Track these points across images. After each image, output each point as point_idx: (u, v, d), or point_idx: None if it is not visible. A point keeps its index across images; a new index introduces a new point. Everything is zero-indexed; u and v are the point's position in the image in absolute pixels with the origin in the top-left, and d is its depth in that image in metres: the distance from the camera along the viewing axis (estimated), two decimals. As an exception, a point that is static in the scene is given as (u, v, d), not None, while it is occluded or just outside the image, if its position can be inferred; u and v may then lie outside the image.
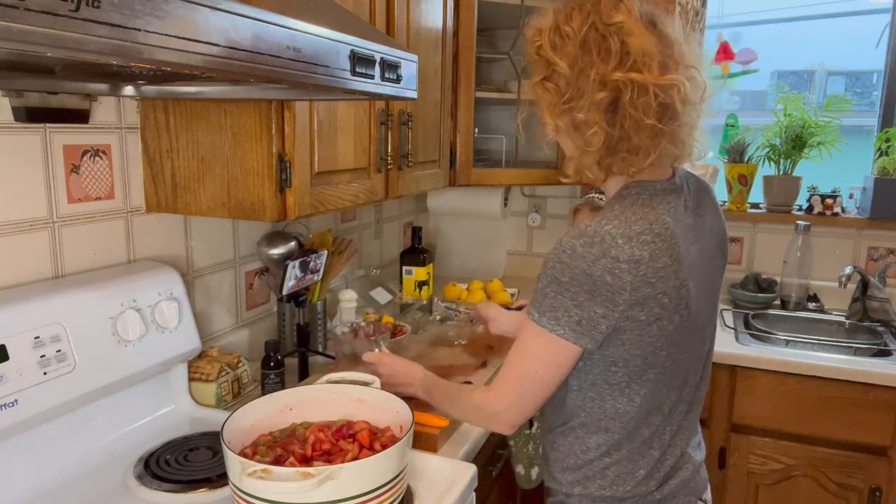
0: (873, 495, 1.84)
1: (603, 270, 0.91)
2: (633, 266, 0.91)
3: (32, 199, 1.14)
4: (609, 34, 0.92)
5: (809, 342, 2.07)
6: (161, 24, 0.55)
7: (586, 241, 0.92)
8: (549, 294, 0.94)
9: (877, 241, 2.36)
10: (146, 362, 1.21)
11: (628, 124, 0.93)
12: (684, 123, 0.95)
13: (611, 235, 0.91)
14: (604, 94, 0.92)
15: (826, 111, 2.39)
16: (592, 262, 0.91)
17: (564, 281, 0.93)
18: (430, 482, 1.09)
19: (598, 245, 0.91)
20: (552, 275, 0.94)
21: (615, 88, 0.92)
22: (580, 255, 0.92)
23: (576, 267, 0.91)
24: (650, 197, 0.99)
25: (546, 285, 0.95)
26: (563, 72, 0.94)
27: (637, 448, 1.03)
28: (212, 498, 1.05)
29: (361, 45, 0.90)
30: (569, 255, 0.92)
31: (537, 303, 0.96)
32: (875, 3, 2.49)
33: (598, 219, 0.95)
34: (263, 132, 1.20)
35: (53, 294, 1.10)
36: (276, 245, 1.63)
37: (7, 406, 0.98)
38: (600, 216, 0.96)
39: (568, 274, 0.92)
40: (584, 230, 0.93)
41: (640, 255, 0.91)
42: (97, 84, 1.11)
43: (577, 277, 0.92)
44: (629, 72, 0.91)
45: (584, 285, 0.91)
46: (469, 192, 2.46)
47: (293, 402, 1.07)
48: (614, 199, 1.01)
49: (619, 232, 0.92)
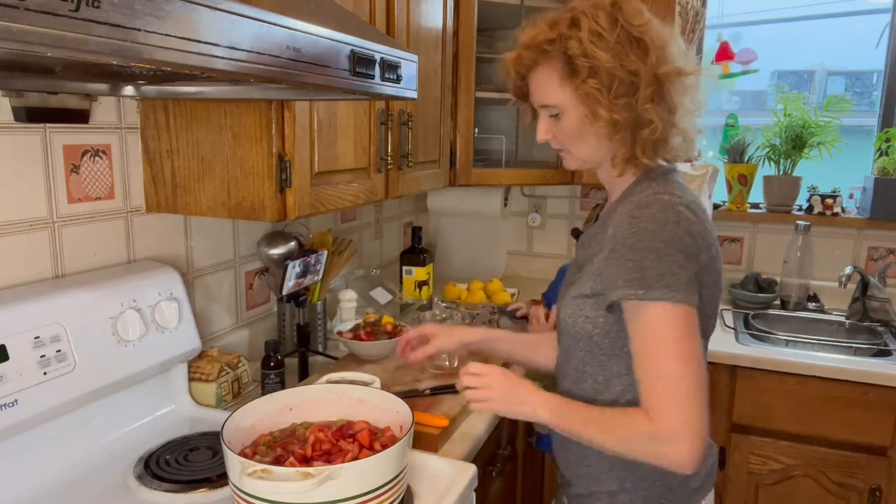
0: (873, 495, 1.84)
1: (683, 232, 0.93)
2: (698, 230, 0.95)
3: (32, 199, 1.14)
4: (641, 33, 0.97)
5: (809, 342, 2.06)
6: (161, 24, 0.55)
7: (659, 207, 0.95)
8: (648, 266, 0.92)
9: (877, 241, 2.36)
10: (146, 362, 1.21)
11: (679, 114, 0.99)
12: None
13: (673, 203, 0.95)
14: (652, 88, 0.96)
15: (826, 111, 2.39)
16: (675, 225, 0.93)
17: (659, 246, 0.92)
18: (430, 482, 1.09)
19: (670, 210, 0.95)
20: (644, 245, 0.92)
21: (657, 80, 0.96)
22: (661, 220, 0.93)
23: (663, 231, 0.93)
24: (675, 177, 1.04)
25: (641, 258, 0.92)
26: (608, 66, 0.95)
27: None
28: (212, 498, 1.05)
29: (361, 45, 0.90)
30: (651, 221, 0.93)
31: (637, 280, 0.92)
32: (875, 3, 2.49)
33: (649, 192, 0.98)
34: (263, 132, 1.20)
35: (53, 294, 1.10)
36: (276, 245, 1.63)
37: (7, 406, 0.98)
38: (643, 192, 0.99)
39: (659, 238, 0.92)
40: (646, 200, 0.96)
41: (697, 220, 0.96)
42: (97, 84, 1.11)
43: (668, 240, 0.92)
44: (666, 64, 0.97)
45: (677, 245, 0.92)
46: (469, 192, 2.46)
47: (293, 402, 1.07)
48: (642, 181, 1.03)
49: (678, 200, 0.96)
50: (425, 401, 1.36)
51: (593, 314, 1.02)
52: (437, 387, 1.42)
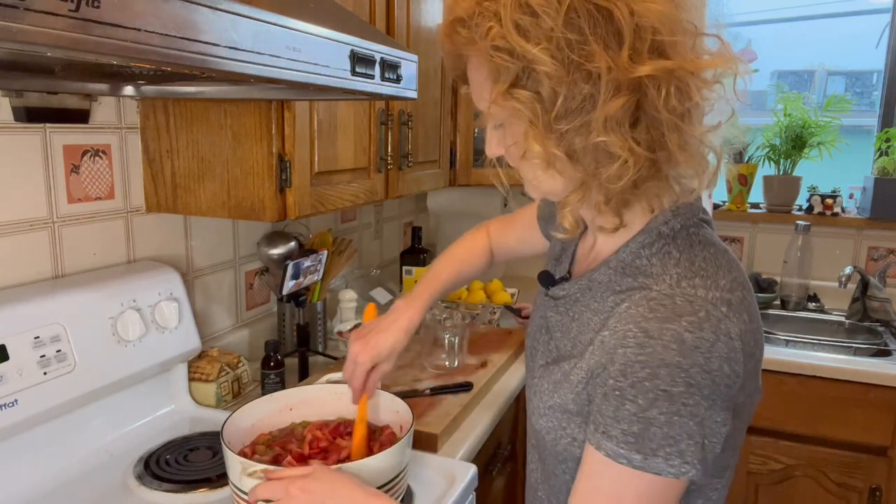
0: (873, 495, 1.84)
1: (721, 360, 0.63)
2: (743, 340, 0.65)
3: (32, 199, 1.14)
4: (611, 2, 0.59)
5: (809, 342, 2.06)
6: (161, 24, 0.55)
7: (692, 322, 0.62)
8: (656, 419, 0.62)
9: (877, 241, 2.36)
10: (146, 362, 1.21)
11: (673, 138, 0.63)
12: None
13: (711, 303, 0.64)
14: (622, 100, 0.61)
15: (826, 111, 2.39)
16: (708, 353, 0.62)
17: (678, 392, 0.61)
18: (430, 482, 1.09)
19: (707, 325, 0.63)
20: (655, 386, 0.62)
21: (637, 88, 0.61)
22: (692, 346, 0.62)
23: (691, 366, 0.61)
24: (706, 235, 0.73)
25: (648, 405, 0.62)
26: (546, 71, 0.61)
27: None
28: (212, 498, 1.05)
29: (361, 45, 0.90)
30: (673, 347, 0.62)
31: (635, 438, 0.63)
32: (875, 3, 2.49)
33: (671, 279, 0.67)
34: (263, 132, 1.20)
35: (53, 294, 1.10)
36: (276, 245, 1.63)
37: (7, 406, 0.98)
38: (660, 275, 0.68)
39: (682, 378, 0.61)
40: (669, 303, 0.64)
41: (743, 320, 0.66)
42: (97, 84, 1.11)
43: (695, 380, 0.62)
44: (656, 59, 0.61)
45: (703, 389, 0.62)
46: (469, 192, 2.46)
47: (293, 402, 1.07)
48: (652, 239, 0.72)
49: (714, 295, 0.65)
50: (425, 401, 1.36)
51: (582, 437, 0.73)
52: (437, 387, 1.42)
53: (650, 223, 0.73)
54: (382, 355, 1.02)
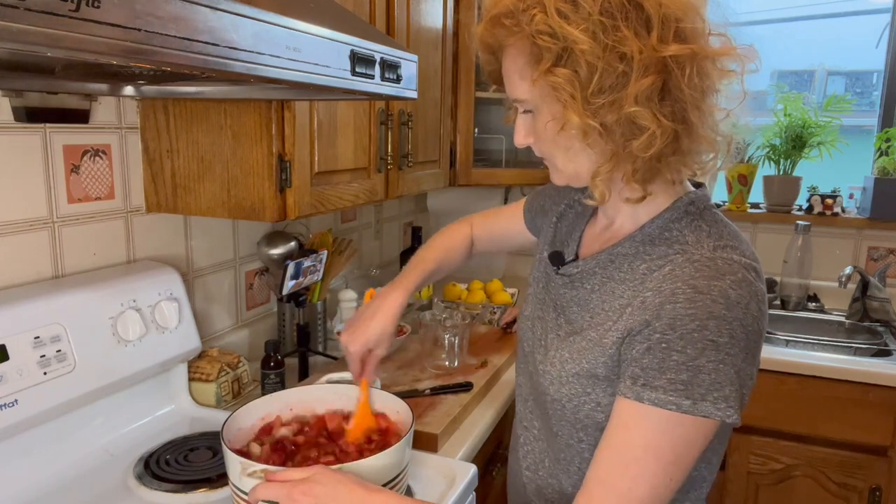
0: (873, 495, 1.84)
1: (753, 318, 0.71)
2: (766, 309, 0.74)
3: (32, 199, 1.14)
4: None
5: (809, 342, 2.06)
6: (161, 24, 0.55)
7: (733, 280, 0.71)
8: (704, 367, 0.68)
9: (877, 241, 2.36)
10: (146, 362, 1.21)
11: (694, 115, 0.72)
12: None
13: (745, 268, 0.72)
14: (651, 78, 0.69)
15: (826, 111, 2.39)
16: (746, 309, 0.70)
17: (724, 342, 0.69)
18: (429, 482, 1.09)
19: (745, 285, 0.71)
20: (704, 338, 0.69)
21: (664, 69, 0.70)
22: (735, 301, 0.70)
23: (734, 319, 0.69)
24: (719, 213, 0.82)
25: (697, 355, 0.69)
26: (584, 49, 0.69)
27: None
28: (212, 498, 1.05)
29: (361, 45, 0.90)
30: (720, 301, 0.69)
31: (684, 385, 0.69)
32: (875, 3, 2.49)
33: (706, 246, 0.75)
34: (263, 132, 1.20)
35: (53, 294, 1.10)
36: (276, 245, 1.63)
37: (7, 406, 0.98)
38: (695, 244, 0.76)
39: (727, 330, 0.69)
40: (713, 265, 0.72)
41: (764, 293, 0.75)
42: (97, 84, 1.11)
43: (737, 334, 0.69)
44: (680, 43, 0.70)
45: (745, 343, 0.70)
46: (469, 192, 2.46)
47: (293, 402, 1.07)
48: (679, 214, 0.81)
49: (745, 262, 0.74)
50: (425, 401, 1.36)
51: (607, 401, 0.78)
52: (437, 387, 1.42)
53: (676, 202, 0.81)
54: (371, 341, 1.07)
